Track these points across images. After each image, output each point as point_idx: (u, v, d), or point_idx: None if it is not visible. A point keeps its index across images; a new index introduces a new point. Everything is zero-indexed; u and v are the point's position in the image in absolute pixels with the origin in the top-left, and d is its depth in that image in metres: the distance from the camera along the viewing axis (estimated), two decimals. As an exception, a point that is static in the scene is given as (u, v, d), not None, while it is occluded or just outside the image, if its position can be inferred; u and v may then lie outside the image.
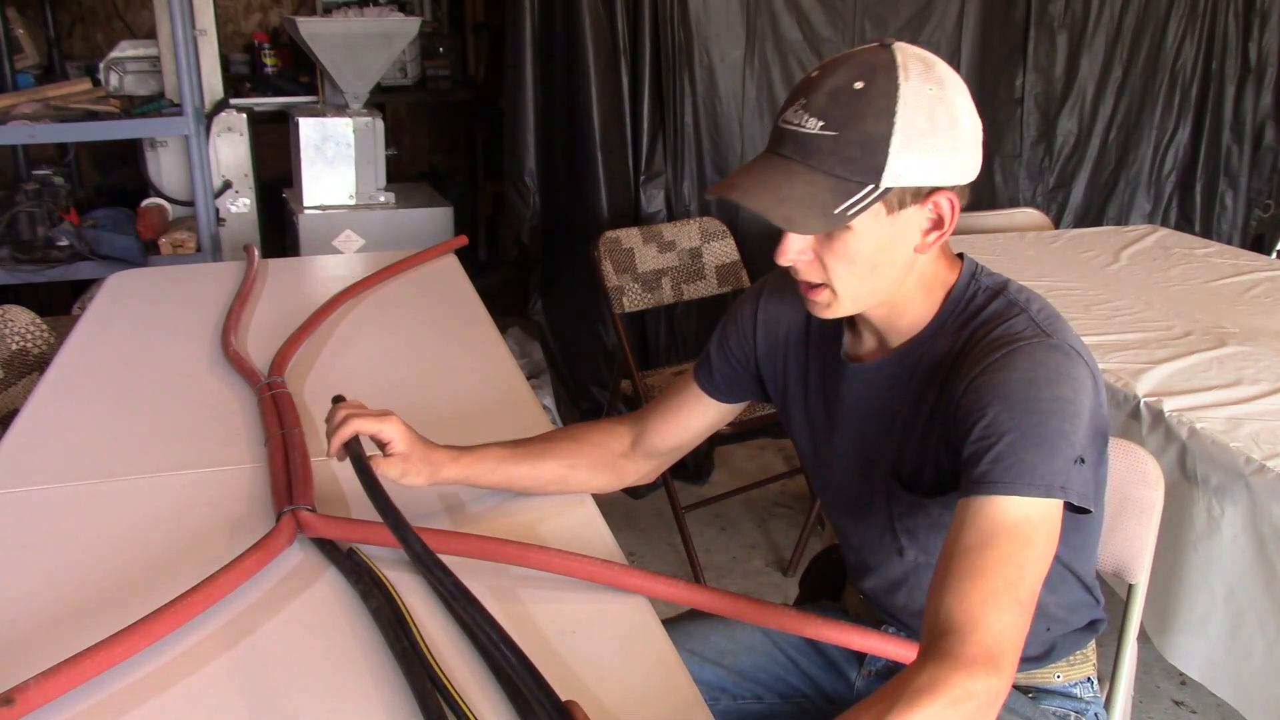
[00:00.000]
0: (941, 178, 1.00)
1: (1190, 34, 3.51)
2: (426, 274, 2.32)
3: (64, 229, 3.15)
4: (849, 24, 3.14)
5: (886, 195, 0.99)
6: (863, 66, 0.99)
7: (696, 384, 1.33)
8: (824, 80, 0.99)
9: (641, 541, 2.86)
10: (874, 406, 1.15)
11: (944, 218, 1.03)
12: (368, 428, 1.23)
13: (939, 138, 0.98)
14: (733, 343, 1.29)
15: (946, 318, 1.10)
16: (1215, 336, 2.10)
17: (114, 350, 1.87)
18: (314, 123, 3.42)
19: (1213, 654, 1.67)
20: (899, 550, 1.17)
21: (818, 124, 0.98)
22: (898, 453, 1.13)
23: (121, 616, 1.01)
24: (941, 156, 0.99)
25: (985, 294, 1.10)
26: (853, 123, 0.97)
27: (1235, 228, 3.73)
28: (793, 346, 1.25)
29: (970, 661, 0.86)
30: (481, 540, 1.17)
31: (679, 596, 1.14)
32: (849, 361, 1.17)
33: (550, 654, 1.03)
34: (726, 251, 2.88)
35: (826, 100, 0.98)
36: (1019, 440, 0.94)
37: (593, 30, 2.92)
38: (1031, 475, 0.93)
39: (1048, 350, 1.00)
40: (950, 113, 0.99)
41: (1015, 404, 0.96)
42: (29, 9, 4.29)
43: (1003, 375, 0.98)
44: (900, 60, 0.98)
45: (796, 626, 1.18)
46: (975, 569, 0.91)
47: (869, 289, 1.07)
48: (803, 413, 1.25)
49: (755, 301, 1.28)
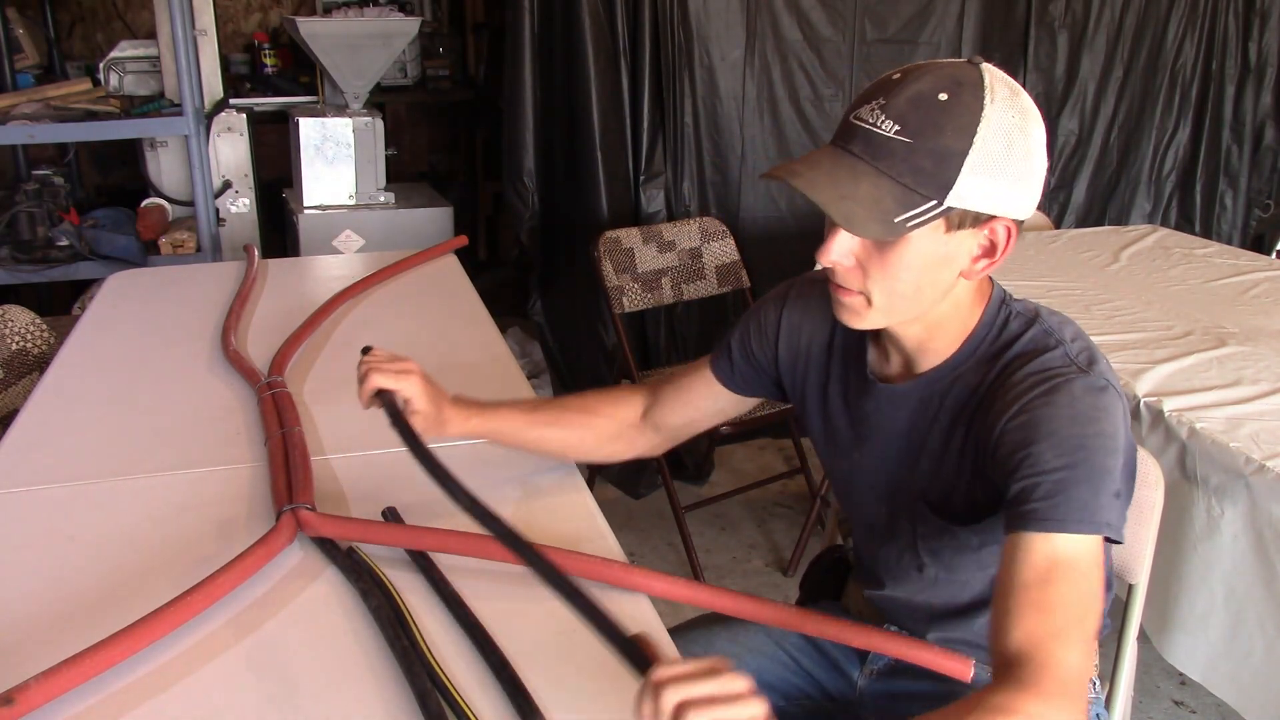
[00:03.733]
0: (1004, 207, 0.98)
1: (1190, 34, 3.51)
2: (426, 274, 2.32)
3: (64, 229, 3.15)
4: (849, 24, 3.14)
5: (949, 214, 0.97)
6: (949, 79, 0.96)
7: (711, 372, 1.32)
8: (907, 85, 0.96)
9: (641, 541, 2.85)
10: (901, 428, 1.13)
11: (998, 246, 1.02)
12: (387, 384, 1.23)
13: (1012, 166, 0.96)
14: (754, 344, 1.28)
15: (978, 345, 1.08)
16: (1215, 336, 2.10)
17: (114, 350, 1.87)
18: (314, 123, 3.42)
19: (1212, 654, 1.67)
20: (919, 567, 1.17)
21: (894, 127, 0.95)
22: (927, 479, 1.12)
23: (121, 616, 1.01)
24: (1010, 185, 0.97)
25: (1018, 322, 1.08)
26: (931, 133, 0.94)
27: (1235, 228, 3.74)
28: (814, 357, 1.23)
29: (1048, 694, 0.87)
30: (481, 540, 1.17)
31: (679, 595, 1.14)
32: (876, 381, 1.15)
33: (550, 654, 1.03)
34: (726, 251, 2.88)
35: (907, 105, 0.95)
36: (1068, 478, 0.95)
37: (593, 30, 2.92)
38: (1082, 512, 0.94)
39: (1085, 387, 1.00)
40: (1027, 144, 0.98)
41: (1061, 441, 0.96)
42: (29, 9, 4.29)
43: (1047, 412, 0.98)
44: (988, 81, 0.97)
45: (797, 624, 1.18)
46: (1040, 605, 0.91)
47: (905, 306, 1.04)
48: (821, 424, 1.24)
49: (780, 306, 1.26)
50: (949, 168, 0.95)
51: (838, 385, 1.21)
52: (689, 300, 2.87)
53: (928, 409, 1.11)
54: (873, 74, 3.20)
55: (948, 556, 1.14)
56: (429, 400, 1.25)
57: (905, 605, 1.25)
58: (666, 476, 2.65)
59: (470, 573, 1.14)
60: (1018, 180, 0.98)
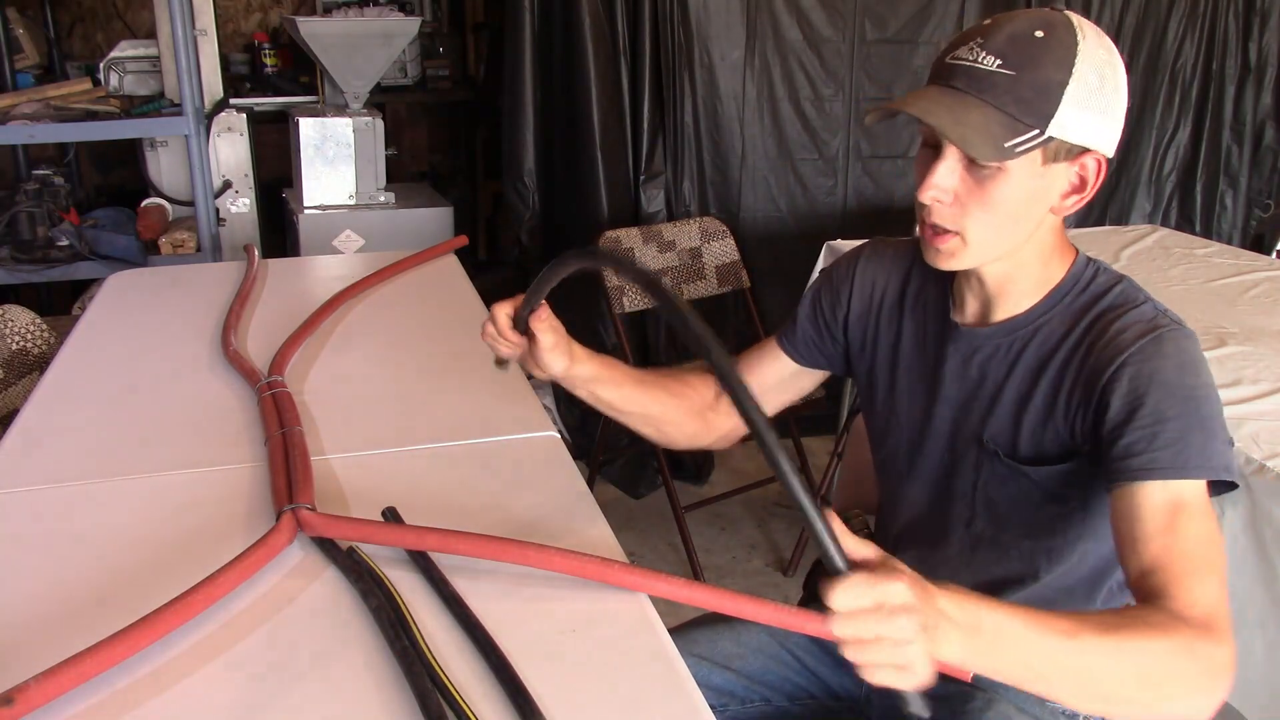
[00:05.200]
0: (1097, 139, 1.03)
1: (1190, 34, 3.51)
2: (426, 274, 2.32)
3: (64, 229, 3.15)
4: (849, 24, 3.14)
5: (1048, 144, 1.01)
6: (1042, 19, 1.01)
7: (777, 343, 1.35)
8: (1001, 26, 1.01)
9: (641, 541, 2.85)
10: (978, 374, 1.15)
11: (1088, 180, 1.05)
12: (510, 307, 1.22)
13: (1106, 98, 1.02)
14: (825, 304, 1.30)
15: (1064, 295, 1.11)
16: (1215, 336, 2.10)
17: (114, 350, 1.87)
18: (314, 123, 3.42)
19: (1213, 654, 1.67)
20: (967, 521, 1.18)
21: (996, 62, 0.99)
22: (1005, 423, 1.13)
23: (121, 616, 1.01)
24: (1104, 118, 1.02)
25: (1106, 277, 1.12)
26: (1032, 66, 0.99)
27: (1235, 228, 3.74)
28: (886, 311, 1.26)
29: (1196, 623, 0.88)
30: (481, 540, 1.17)
31: (679, 595, 1.14)
32: (959, 325, 1.18)
33: (550, 653, 1.02)
34: (726, 251, 2.88)
35: (1006, 42, 1.00)
36: (1186, 427, 0.98)
37: (593, 30, 2.92)
38: (1200, 458, 0.97)
39: (1187, 338, 1.03)
40: (1117, 78, 1.03)
41: (1175, 391, 0.99)
42: (29, 9, 4.29)
43: (1156, 363, 1.01)
44: (1077, 22, 1.02)
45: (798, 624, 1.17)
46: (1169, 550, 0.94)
47: (999, 241, 1.07)
48: (890, 379, 1.25)
49: (854, 263, 1.29)
50: (1050, 98, 0.99)
51: (911, 337, 1.23)
52: (689, 300, 2.86)
53: (1006, 355, 1.13)
54: (873, 74, 3.20)
55: (1003, 510, 1.15)
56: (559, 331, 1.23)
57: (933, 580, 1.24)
58: (666, 476, 2.65)
59: (470, 573, 1.14)
60: (1109, 114, 1.02)
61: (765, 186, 3.18)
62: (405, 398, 1.66)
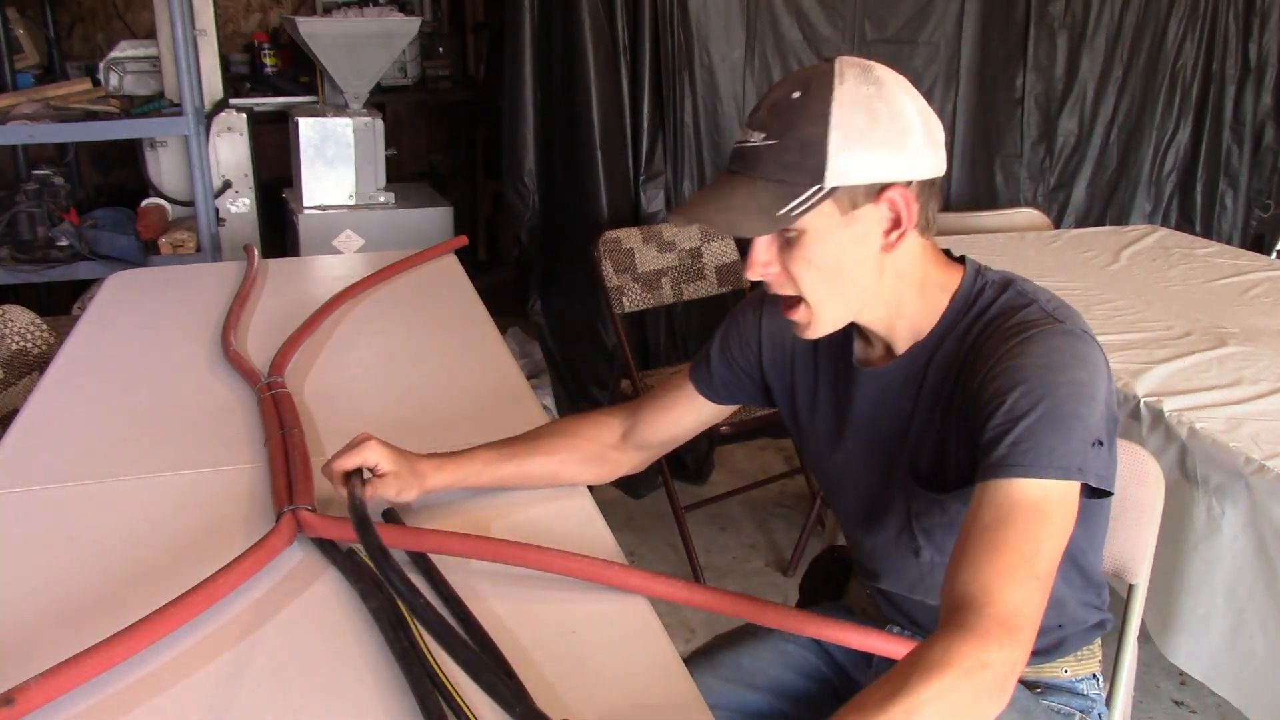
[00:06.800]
0: (891, 174, 1.02)
1: (1190, 34, 3.51)
2: (426, 274, 2.32)
3: (64, 229, 3.15)
4: (849, 24, 3.14)
5: (835, 195, 1.01)
6: (801, 79, 1.03)
7: (691, 384, 1.33)
8: (766, 99, 1.04)
9: (641, 541, 2.85)
10: (888, 409, 1.15)
11: (900, 215, 1.04)
12: (350, 462, 1.22)
13: (880, 134, 1.00)
14: (735, 350, 1.29)
15: (956, 318, 1.10)
16: (1215, 336, 2.10)
17: (114, 350, 1.87)
18: (314, 123, 3.42)
19: (1214, 653, 1.67)
20: (915, 551, 1.18)
21: (760, 136, 1.02)
22: (914, 452, 1.13)
23: (121, 616, 1.01)
24: (887, 152, 1.01)
25: (993, 288, 1.10)
26: (790, 129, 1.00)
27: (1235, 228, 3.73)
28: (800, 356, 1.25)
29: (985, 632, 0.86)
30: (482, 540, 1.17)
31: (679, 596, 1.14)
32: (860, 366, 1.18)
33: (550, 654, 1.02)
34: (726, 251, 2.88)
35: (767, 113, 1.02)
36: (1037, 424, 0.96)
37: (593, 30, 2.92)
38: (1050, 457, 0.95)
39: (1062, 335, 1.02)
40: (892, 109, 1.01)
41: (1033, 388, 0.97)
42: (29, 9, 4.29)
43: (1020, 361, 1.00)
44: (838, 69, 1.02)
45: (797, 626, 1.18)
46: (992, 545, 0.92)
47: (842, 296, 1.07)
48: (812, 422, 1.25)
49: (759, 311, 1.28)
50: (815, 153, 0.99)
51: (827, 380, 1.22)
52: (689, 300, 2.87)
53: (911, 385, 1.12)
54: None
55: (940, 536, 1.14)
56: (395, 460, 1.23)
57: (906, 601, 1.25)
58: (667, 476, 2.65)
59: (470, 573, 1.14)
60: (893, 146, 1.01)
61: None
62: (405, 398, 1.66)
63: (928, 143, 1.03)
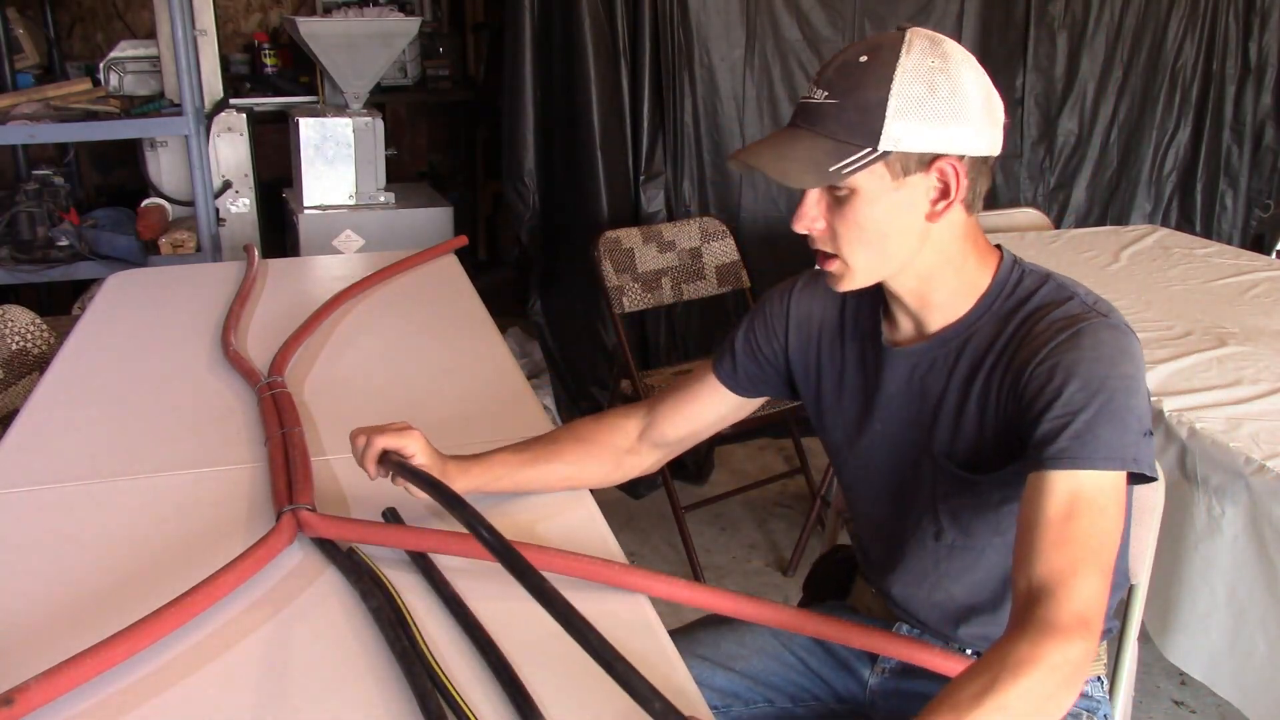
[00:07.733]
0: (944, 145, 1.04)
1: (1190, 34, 3.51)
2: (426, 274, 2.32)
3: (64, 229, 3.15)
4: (849, 24, 3.14)
5: (888, 159, 1.04)
6: (872, 44, 1.06)
7: (715, 377, 1.33)
8: (835, 59, 1.07)
9: (641, 541, 2.85)
10: (919, 388, 1.16)
11: (950, 185, 1.06)
12: (392, 443, 1.23)
13: (938, 105, 1.03)
14: (761, 339, 1.30)
15: (992, 303, 1.13)
16: (1215, 336, 2.10)
17: (114, 350, 1.87)
18: (314, 123, 3.42)
19: (1214, 654, 1.67)
20: (936, 533, 1.19)
21: (824, 94, 1.05)
22: (948, 433, 1.14)
23: (121, 616, 1.01)
24: (942, 124, 1.03)
25: (1032, 278, 1.13)
26: (853, 91, 1.03)
27: (1235, 228, 3.73)
28: (826, 340, 1.26)
29: (1065, 629, 0.90)
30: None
31: (679, 596, 1.14)
32: (890, 346, 1.19)
33: (550, 654, 1.02)
34: (726, 251, 2.88)
35: (834, 73, 1.06)
36: (1095, 417, 0.99)
37: (593, 30, 2.92)
38: (1108, 449, 0.98)
39: (1109, 329, 1.05)
40: (953, 83, 1.04)
41: (1088, 382, 1.00)
42: (29, 9, 4.29)
43: (1072, 355, 1.02)
44: (907, 38, 1.05)
45: (799, 625, 1.18)
46: (1061, 539, 0.95)
47: (880, 259, 1.10)
48: (838, 405, 1.25)
49: (787, 297, 1.29)
50: (874, 116, 1.03)
51: (854, 363, 1.23)
52: (689, 300, 2.87)
53: (943, 366, 1.14)
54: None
55: (966, 518, 1.16)
56: (432, 456, 1.25)
57: (913, 600, 1.25)
58: (667, 476, 2.65)
59: (470, 573, 1.14)
60: (951, 118, 1.04)
61: (765, 186, 3.17)
62: (405, 398, 1.66)
63: (986, 120, 1.06)
